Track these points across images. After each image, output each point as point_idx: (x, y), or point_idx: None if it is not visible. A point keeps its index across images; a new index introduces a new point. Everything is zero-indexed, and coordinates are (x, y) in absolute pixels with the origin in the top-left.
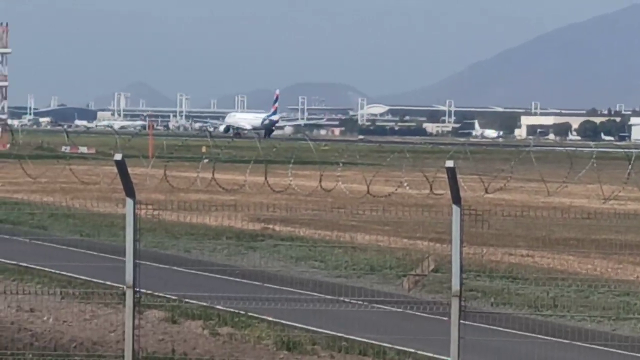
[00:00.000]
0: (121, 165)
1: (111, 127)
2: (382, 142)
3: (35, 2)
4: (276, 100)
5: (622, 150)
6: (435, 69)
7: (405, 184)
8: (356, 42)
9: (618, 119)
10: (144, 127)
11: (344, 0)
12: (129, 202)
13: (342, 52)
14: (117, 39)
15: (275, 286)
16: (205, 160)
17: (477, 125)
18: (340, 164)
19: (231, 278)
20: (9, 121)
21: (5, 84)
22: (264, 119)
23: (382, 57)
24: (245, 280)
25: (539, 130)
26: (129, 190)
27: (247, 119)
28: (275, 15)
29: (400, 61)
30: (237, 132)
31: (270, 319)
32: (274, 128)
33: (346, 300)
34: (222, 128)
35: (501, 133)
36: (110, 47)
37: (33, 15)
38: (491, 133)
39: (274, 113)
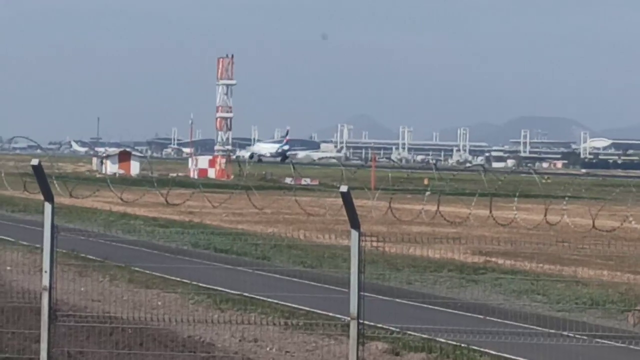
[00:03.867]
0: (347, 197)
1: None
2: (605, 175)
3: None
4: (287, 134)
5: None
6: None
7: (631, 219)
8: (581, 76)
9: None
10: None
11: (567, 35)
12: (354, 233)
13: (567, 85)
14: (341, 72)
15: (496, 319)
16: (428, 193)
17: None
18: (566, 198)
19: (453, 311)
20: (239, 152)
21: (230, 115)
22: (278, 149)
23: (606, 91)
24: (466, 313)
25: None
26: (354, 222)
27: (266, 147)
28: (499, 48)
29: (624, 94)
30: (259, 158)
31: (492, 352)
32: (287, 155)
33: (569, 334)
34: (247, 155)
35: None
36: (334, 79)
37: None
38: None
39: (286, 144)
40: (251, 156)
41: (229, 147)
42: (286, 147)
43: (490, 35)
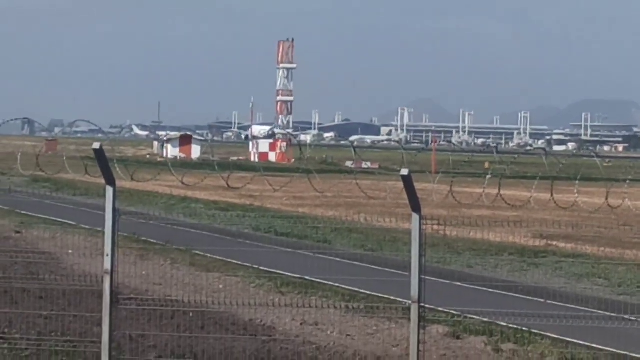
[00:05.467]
0: (408, 181)
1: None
2: None
3: (320, 18)
4: (277, 118)
5: None
6: None
7: None
8: None
9: None
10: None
11: (628, 17)
12: (415, 217)
13: (629, 68)
14: (404, 55)
15: (558, 303)
16: (488, 176)
17: None
18: (628, 182)
19: (514, 294)
20: (302, 136)
21: (291, 99)
22: (269, 130)
23: None
24: (527, 297)
25: None
26: (415, 205)
27: (260, 129)
28: (561, 31)
29: None
30: (253, 137)
31: (553, 335)
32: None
33: (630, 318)
34: (243, 135)
35: None
36: (397, 62)
37: (318, 31)
38: None
39: (275, 126)
40: (246, 137)
41: (290, 131)
42: (276, 129)
43: (552, 19)
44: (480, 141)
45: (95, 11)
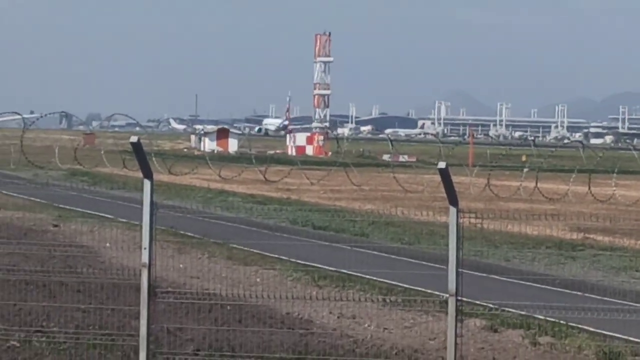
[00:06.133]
0: (445, 174)
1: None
2: None
3: (357, 11)
4: (287, 111)
5: None
6: None
7: None
8: None
9: None
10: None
11: None
12: (452, 210)
13: None
14: (439, 47)
15: (595, 296)
16: (526, 169)
17: None
18: None
19: (551, 287)
20: (340, 130)
21: (328, 92)
22: (280, 124)
23: None
24: (565, 290)
25: None
26: (452, 199)
27: (273, 123)
28: (598, 24)
29: None
30: (266, 132)
31: (590, 329)
32: (289, 129)
33: None
34: (256, 129)
35: None
36: (433, 55)
37: (354, 24)
38: None
39: (286, 120)
40: (259, 130)
41: (327, 124)
42: (286, 122)
43: (589, 10)
44: (517, 134)
45: (132, 3)
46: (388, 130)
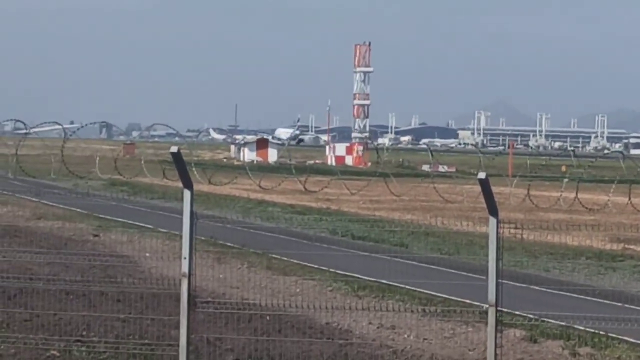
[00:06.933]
0: (485, 184)
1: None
2: None
3: (396, 22)
4: (298, 120)
5: None
6: None
7: None
8: None
9: None
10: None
11: None
12: (492, 220)
13: None
14: (479, 57)
15: (635, 307)
16: (566, 180)
17: None
18: None
19: (591, 298)
20: (380, 140)
21: (367, 102)
22: (291, 133)
23: None
24: (605, 301)
25: None
26: (492, 209)
27: (286, 132)
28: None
29: None
30: (300, 141)
31: (630, 340)
32: (301, 138)
33: None
34: (270, 137)
35: None
36: (473, 64)
37: (394, 34)
38: None
39: (297, 129)
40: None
41: (367, 135)
42: (297, 132)
43: (628, 20)
44: (557, 144)
45: (171, 14)
46: (424, 141)
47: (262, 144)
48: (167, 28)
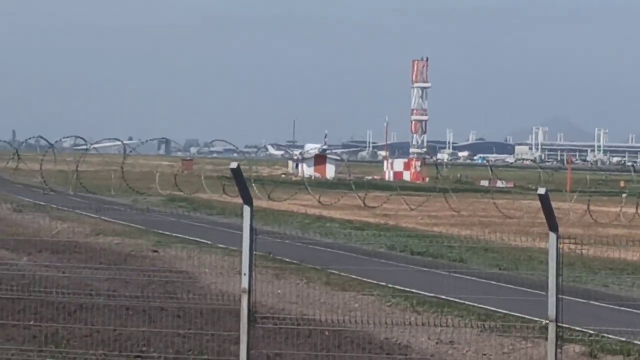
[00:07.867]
0: (544, 199)
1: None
2: None
3: (453, 37)
4: (325, 137)
5: None
6: None
7: None
8: None
9: None
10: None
11: None
12: (552, 236)
13: None
14: (535, 73)
15: None
16: (625, 195)
17: None
18: None
19: None
20: (439, 155)
21: (425, 118)
22: (319, 149)
23: None
24: None
25: None
26: (552, 224)
27: (314, 147)
28: None
29: None
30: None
31: None
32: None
33: None
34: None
35: None
36: (530, 79)
37: (451, 50)
38: None
39: (324, 145)
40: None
41: (425, 150)
42: (325, 147)
43: None
44: (615, 159)
45: (227, 30)
46: (476, 157)
47: (319, 160)
48: (223, 45)
